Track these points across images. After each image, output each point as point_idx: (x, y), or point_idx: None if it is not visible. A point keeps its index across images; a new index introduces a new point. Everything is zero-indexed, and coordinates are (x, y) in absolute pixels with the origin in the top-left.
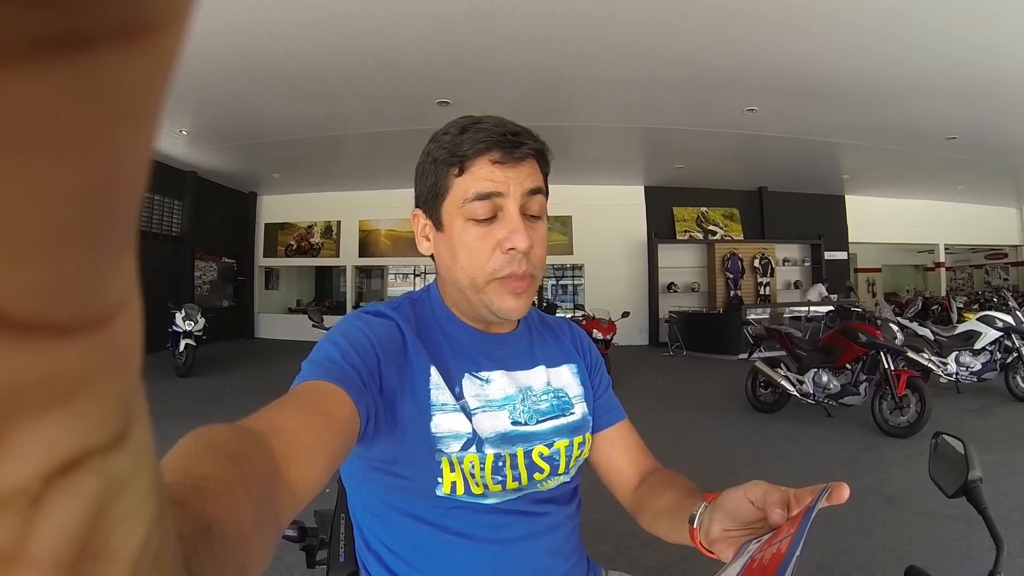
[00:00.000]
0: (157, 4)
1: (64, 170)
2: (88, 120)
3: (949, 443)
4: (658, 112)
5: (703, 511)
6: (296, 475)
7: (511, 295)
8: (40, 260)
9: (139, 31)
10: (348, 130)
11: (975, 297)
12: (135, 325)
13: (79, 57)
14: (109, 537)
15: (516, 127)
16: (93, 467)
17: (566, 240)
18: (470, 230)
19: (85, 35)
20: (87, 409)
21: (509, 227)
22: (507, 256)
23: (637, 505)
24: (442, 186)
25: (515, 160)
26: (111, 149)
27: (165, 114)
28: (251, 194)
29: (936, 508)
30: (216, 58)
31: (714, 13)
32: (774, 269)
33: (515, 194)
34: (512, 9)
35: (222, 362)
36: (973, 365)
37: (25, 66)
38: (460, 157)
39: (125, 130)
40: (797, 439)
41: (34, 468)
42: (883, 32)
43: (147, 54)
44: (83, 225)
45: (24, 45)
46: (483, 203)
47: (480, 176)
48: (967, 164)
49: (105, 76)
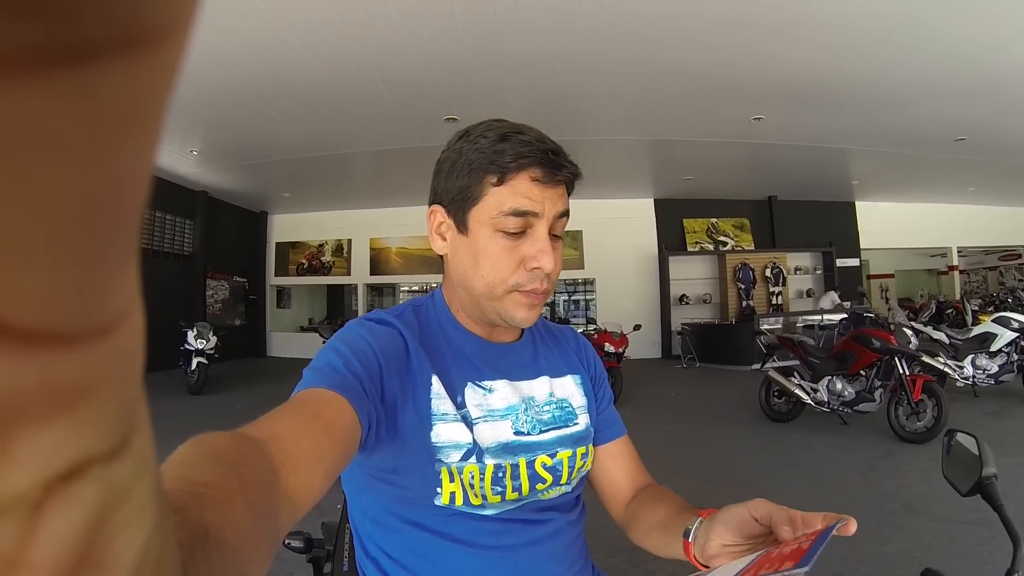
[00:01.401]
0: (159, 14)
1: (66, 182)
2: (90, 132)
3: (962, 441)
4: (665, 124)
5: (699, 525)
6: (295, 483)
7: (526, 307)
8: (43, 270)
9: (141, 42)
10: (357, 148)
11: (990, 299)
12: (137, 334)
13: (81, 69)
14: (110, 544)
15: (556, 145)
16: (94, 475)
17: (577, 255)
18: (498, 242)
19: (87, 47)
20: (89, 417)
21: (537, 247)
22: (531, 274)
23: (629, 519)
24: (475, 191)
25: (556, 182)
26: (113, 160)
27: (172, 129)
28: (262, 213)
29: (955, 513)
30: (225, 79)
31: (717, 24)
32: (786, 278)
33: (548, 215)
34: (516, 25)
35: (234, 380)
36: (990, 367)
37: (26, 78)
38: (501, 168)
39: (127, 141)
40: (813, 448)
41: (35, 475)
42: (887, 36)
43: (149, 65)
44: (85, 236)
45: (25, 58)
46: (517, 219)
47: (519, 191)
48: (977, 165)
49: (107, 88)
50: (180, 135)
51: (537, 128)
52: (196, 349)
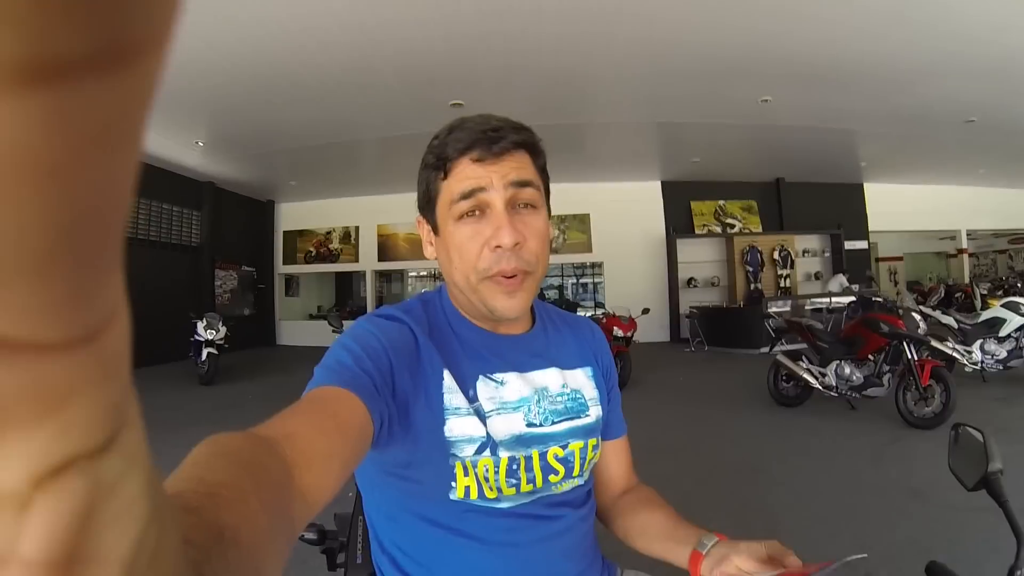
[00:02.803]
0: (136, 30)
1: (46, 199)
2: (69, 148)
3: (969, 434)
4: (672, 106)
5: (715, 545)
6: (309, 481)
7: (503, 294)
8: (26, 285)
9: (119, 58)
10: (363, 135)
11: (999, 283)
12: (124, 335)
13: (58, 86)
14: (101, 538)
15: (499, 122)
16: (82, 470)
17: (585, 238)
18: (460, 229)
19: (64, 64)
20: (76, 417)
21: (494, 223)
22: (495, 254)
23: (618, 511)
24: (433, 191)
25: (495, 155)
26: (93, 176)
27: (176, 121)
28: (269, 202)
29: (963, 501)
30: (229, 68)
31: (725, 3)
32: (794, 261)
33: (498, 187)
34: (521, 7)
35: (244, 370)
36: (998, 353)
37: (3, 97)
38: (443, 160)
39: (107, 156)
40: (821, 433)
41: (24, 472)
42: (897, 15)
43: (127, 80)
44: (68, 249)
45: (1, 76)
46: (467, 201)
47: (462, 176)
48: (987, 147)
49: (85, 104)
50: (185, 126)
51: (543, 118)
52: (206, 340)
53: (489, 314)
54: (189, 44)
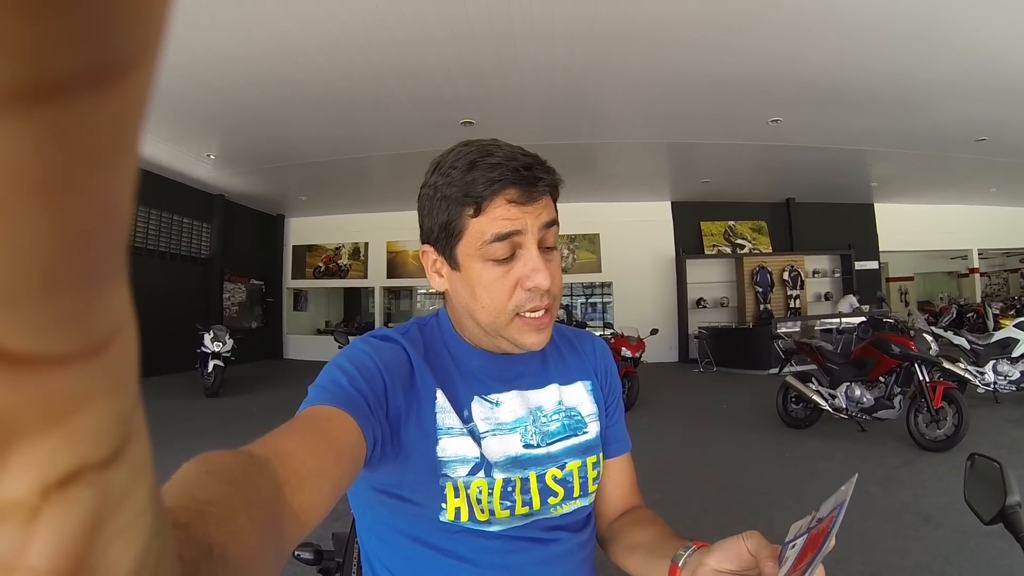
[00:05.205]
0: (125, 47)
1: (47, 217)
2: (63, 167)
3: (985, 465)
4: (683, 126)
5: (691, 553)
6: (301, 501)
7: (534, 331)
8: (32, 302)
9: (108, 75)
10: (374, 152)
11: (1012, 303)
12: (130, 347)
13: (51, 106)
14: (107, 550)
15: (528, 158)
16: (90, 481)
17: (594, 258)
18: (489, 270)
19: (54, 84)
20: (84, 428)
21: (530, 266)
22: (528, 293)
23: (612, 535)
24: (456, 227)
25: (532, 199)
26: (90, 193)
27: (188, 134)
28: (279, 216)
29: (976, 526)
30: (241, 84)
31: (735, 25)
32: (804, 281)
33: (533, 230)
34: (533, 28)
35: (250, 382)
36: (1011, 374)
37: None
38: (475, 198)
39: (103, 171)
40: (830, 455)
41: (32, 483)
42: (907, 35)
43: (118, 97)
44: (72, 264)
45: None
46: (502, 244)
47: (497, 216)
48: (999, 166)
49: (78, 123)
50: (197, 140)
51: (554, 138)
52: (213, 352)
53: (514, 349)
54: (202, 58)
